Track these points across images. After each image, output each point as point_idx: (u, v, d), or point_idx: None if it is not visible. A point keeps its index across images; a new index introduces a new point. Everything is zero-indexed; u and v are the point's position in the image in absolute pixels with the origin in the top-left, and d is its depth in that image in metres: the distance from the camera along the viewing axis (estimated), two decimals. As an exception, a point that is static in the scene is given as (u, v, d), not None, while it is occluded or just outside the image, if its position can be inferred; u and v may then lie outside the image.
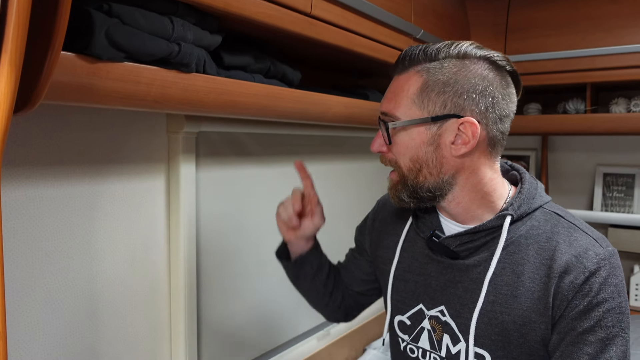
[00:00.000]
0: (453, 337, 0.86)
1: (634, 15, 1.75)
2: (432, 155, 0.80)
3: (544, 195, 0.85)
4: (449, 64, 0.78)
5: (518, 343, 0.79)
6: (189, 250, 1.17)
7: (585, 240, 0.78)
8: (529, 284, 0.78)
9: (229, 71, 1.01)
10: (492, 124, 0.79)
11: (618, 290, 0.76)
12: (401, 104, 0.80)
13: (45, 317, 0.93)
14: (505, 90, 0.80)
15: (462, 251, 0.84)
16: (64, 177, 0.95)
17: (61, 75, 0.68)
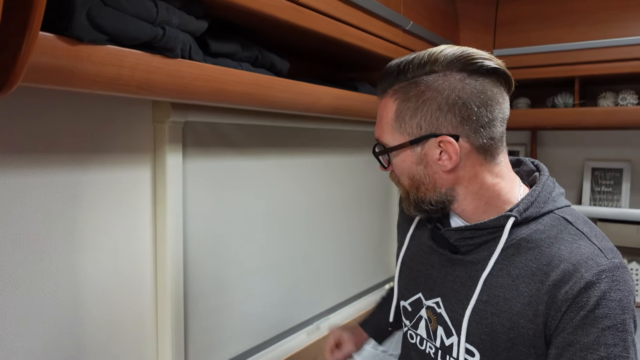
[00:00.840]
0: (446, 329, 0.86)
1: (620, 9, 1.76)
2: (423, 173, 0.81)
3: (558, 201, 0.81)
4: (417, 83, 0.78)
5: (506, 347, 0.78)
6: (175, 242, 1.15)
7: (589, 249, 0.74)
8: (522, 289, 0.77)
9: (216, 58, 0.99)
10: (474, 134, 0.77)
11: (622, 307, 0.70)
12: (385, 131, 0.83)
13: (26, 307, 0.91)
14: (481, 97, 0.76)
15: (462, 246, 0.84)
16: (45, 165, 0.93)
17: (40, 57, 0.66)
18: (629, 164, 2.32)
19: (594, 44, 1.79)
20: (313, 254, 1.69)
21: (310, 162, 1.63)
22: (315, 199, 1.67)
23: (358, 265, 1.96)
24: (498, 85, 0.78)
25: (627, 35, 1.75)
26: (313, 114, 1.29)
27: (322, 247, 1.73)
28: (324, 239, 1.74)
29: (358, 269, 1.96)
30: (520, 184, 0.84)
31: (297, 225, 1.59)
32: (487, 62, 0.77)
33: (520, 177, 0.87)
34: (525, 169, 0.88)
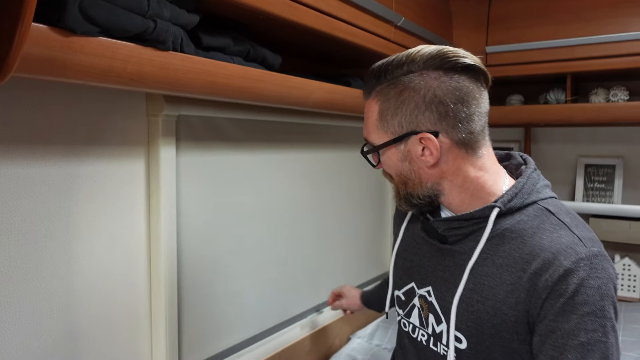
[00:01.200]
0: (436, 317, 0.89)
1: (611, 6, 1.78)
2: (409, 169, 0.84)
3: (542, 192, 0.84)
4: (396, 85, 0.81)
5: (490, 333, 0.80)
6: (169, 234, 1.17)
7: (569, 238, 0.76)
8: (505, 277, 0.79)
9: (208, 52, 1.01)
10: (452, 129, 0.80)
11: (600, 293, 0.72)
12: (371, 131, 0.87)
13: (21, 295, 0.93)
14: (457, 94, 0.79)
15: (450, 236, 0.87)
16: (41, 157, 0.95)
17: (33, 48, 0.68)
18: (622, 160, 2.34)
19: (584, 41, 1.81)
20: (307, 247, 1.71)
21: (304, 157, 1.65)
22: (308, 193, 1.68)
23: (352, 259, 1.98)
24: (474, 81, 0.80)
25: (617, 32, 1.77)
26: (305, 108, 1.31)
27: (315, 241, 1.75)
28: (317, 233, 1.76)
29: (352, 264, 1.98)
30: (506, 176, 0.86)
31: (291, 219, 1.61)
32: (462, 59, 0.79)
33: (509, 170, 0.89)
34: (514, 162, 0.91)
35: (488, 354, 0.81)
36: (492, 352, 0.81)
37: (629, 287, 2.31)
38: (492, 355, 0.81)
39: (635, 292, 2.29)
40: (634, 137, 2.31)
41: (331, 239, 1.83)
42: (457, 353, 0.84)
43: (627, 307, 2.03)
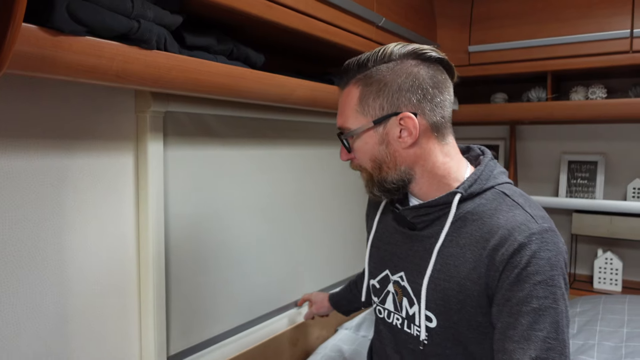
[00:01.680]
0: (409, 300, 0.95)
1: (588, 6, 1.84)
2: (385, 152, 0.90)
3: (499, 178, 0.91)
4: (378, 71, 0.88)
5: (457, 309, 0.87)
6: (157, 225, 1.22)
7: (522, 216, 0.84)
8: (468, 255, 0.86)
9: (192, 51, 1.07)
10: (430, 112, 0.88)
11: (550, 264, 0.79)
12: (349, 116, 0.92)
13: (15, 281, 0.98)
14: (433, 80, 0.88)
15: (418, 223, 0.94)
16: (33, 150, 1.00)
17: (24, 46, 0.73)
18: (603, 157, 2.40)
19: (563, 40, 1.87)
20: (292, 240, 1.76)
21: (288, 152, 1.70)
22: (293, 188, 1.74)
23: (337, 253, 2.03)
24: (444, 73, 0.90)
25: (594, 32, 1.83)
26: (288, 105, 1.36)
27: (300, 234, 1.81)
28: (302, 226, 1.81)
29: (337, 257, 2.03)
30: (468, 165, 0.94)
31: (276, 213, 1.67)
32: (434, 53, 0.89)
33: (470, 161, 0.97)
34: (473, 154, 0.99)
35: (456, 329, 0.88)
36: (459, 327, 0.88)
37: (611, 280, 2.37)
38: (460, 330, 0.88)
39: (617, 285, 2.35)
40: (615, 135, 2.38)
41: (316, 231, 1.89)
42: (428, 332, 0.91)
43: (607, 299, 2.09)
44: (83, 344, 1.12)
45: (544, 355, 0.77)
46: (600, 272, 2.39)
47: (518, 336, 0.79)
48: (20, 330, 1.00)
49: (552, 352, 0.77)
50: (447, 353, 0.91)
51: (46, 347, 1.04)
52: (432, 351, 0.92)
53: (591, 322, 1.94)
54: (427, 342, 0.92)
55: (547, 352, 0.77)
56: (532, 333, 0.78)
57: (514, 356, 0.78)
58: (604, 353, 1.75)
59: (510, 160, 2.54)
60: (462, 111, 2.27)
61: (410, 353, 0.96)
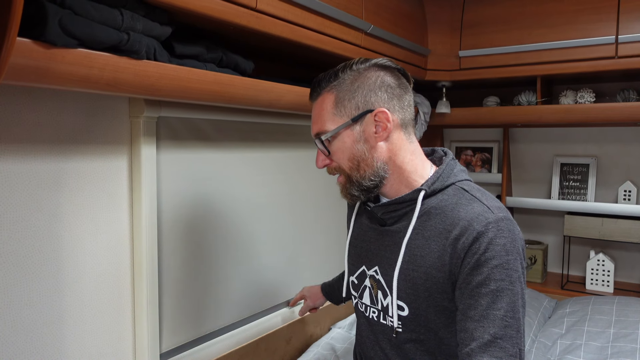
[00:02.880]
0: (383, 292, 1.02)
1: (575, 13, 1.88)
2: (362, 148, 0.96)
3: (459, 175, 1.00)
4: (348, 77, 0.97)
5: (425, 296, 0.94)
6: (150, 225, 1.28)
7: (480, 208, 0.92)
8: (433, 246, 0.94)
9: (182, 60, 1.12)
10: (399, 109, 0.97)
11: (506, 250, 0.87)
12: (326, 120, 0.98)
13: (13, 280, 1.04)
14: (397, 82, 0.98)
15: (387, 219, 1.02)
16: (31, 154, 1.06)
17: (19, 59, 0.78)
18: (595, 159, 2.44)
19: (551, 45, 1.91)
20: (284, 240, 1.81)
21: (278, 155, 1.75)
22: (284, 189, 1.79)
23: (329, 251, 2.08)
24: (403, 78, 1.00)
25: (580, 37, 1.87)
26: (277, 110, 1.41)
27: (292, 233, 1.85)
28: (293, 226, 1.86)
29: (329, 255, 2.08)
30: (431, 165, 1.03)
31: (267, 214, 1.71)
32: (392, 63, 1.00)
33: (434, 162, 1.06)
34: (437, 155, 1.07)
35: (426, 316, 0.95)
36: (428, 314, 0.95)
37: (603, 282, 2.40)
38: (429, 317, 0.95)
39: (609, 286, 2.38)
40: (606, 138, 2.41)
41: (307, 230, 1.93)
42: (400, 320, 0.98)
43: (596, 300, 2.13)
44: (78, 341, 1.17)
45: (501, 332, 0.84)
46: (593, 273, 2.42)
47: (478, 315, 0.86)
48: (18, 327, 1.05)
49: (509, 329, 0.85)
50: (420, 339, 0.98)
51: (42, 342, 1.09)
52: (406, 338, 0.99)
53: (579, 323, 1.98)
54: (400, 330, 0.99)
55: (504, 329, 0.85)
56: (491, 312, 0.85)
57: (475, 334, 0.86)
58: (590, 353, 1.79)
59: (503, 162, 2.57)
60: (453, 114, 2.31)
61: (387, 342, 1.03)
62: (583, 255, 2.54)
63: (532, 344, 1.91)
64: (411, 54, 1.93)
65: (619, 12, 1.79)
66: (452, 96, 2.46)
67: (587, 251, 2.51)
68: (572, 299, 2.22)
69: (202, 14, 1.04)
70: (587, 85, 2.15)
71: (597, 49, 1.84)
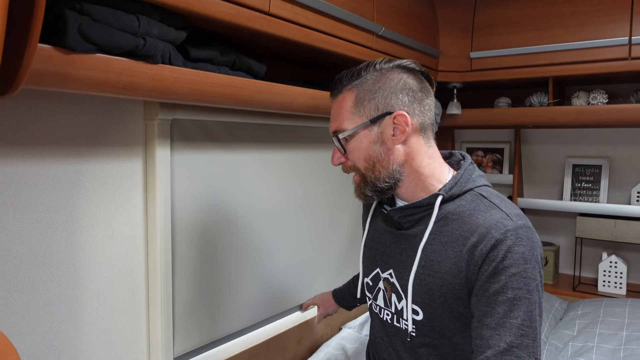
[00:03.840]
0: (398, 295, 1.02)
1: (587, 14, 1.87)
2: (379, 150, 0.96)
3: (477, 181, 0.99)
4: (371, 77, 0.96)
5: (440, 301, 0.94)
6: (164, 226, 1.30)
7: (499, 215, 0.91)
8: (449, 252, 0.93)
9: (196, 63, 1.14)
10: (419, 113, 0.96)
11: (524, 258, 0.86)
12: (344, 119, 0.98)
13: (30, 278, 1.06)
14: (419, 86, 0.97)
15: (404, 222, 1.01)
16: (49, 157, 1.08)
17: (40, 64, 0.81)
18: (608, 160, 2.42)
19: (563, 47, 1.90)
20: (297, 242, 1.82)
21: (291, 157, 1.76)
22: (296, 191, 1.80)
23: (343, 253, 2.09)
24: (425, 82, 0.99)
25: (592, 38, 1.86)
26: (290, 112, 1.42)
27: (305, 236, 1.87)
28: (306, 229, 1.87)
29: (342, 257, 2.09)
30: (449, 169, 1.02)
31: (280, 215, 1.73)
32: (416, 65, 0.98)
33: (452, 166, 1.05)
34: (455, 159, 1.06)
35: (440, 322, 0.95)
36: (443, 319, 0.95)
37: (616, 283, 2.38)
38: (444, 323, 0.95)
39: (622, 288, 2.37)
40: (619, 139, 2.39)
41: (320, 233, 1.94)
42: (415, 324, 0.98)
43: (608, 302, 2.11)
44: (94, 340, 1.19)
45: (518, 341, 0.84)
46: (605, 275, 2.41)
47: (494, 323, 0.86)
48: (36, 325, 1.08)
49: (526, 338, 0.84)
50: (434, 344, 0.98)
51: (60, 341, 1.12)
52: (420, 342, 0.99)
53: (591, 325, 1.97)
54: (414, 334, 0.99)
55: (520, 338, 0.84)
56: (507, 320, 0.85)
57: (491, 342, 0.85)
58: (602, 355, 1.78)
59: (515, 163, 2.57)
60: (464, 115, 2.31)
61: (401, 345, 1.03)
62: (595, 256, 2.53)
63: (544, 346, 1.91)
64: (422, 56, 1.94)
65: (632, 13, 1.78)
66: (463, 97, 2.46)
67: (599, 253, 2.50)
68: (584, 301, 2.21)
69: (217, 18, 1.06)
70: (599, 87, 2.14)
71: (610, 50, 1.83)
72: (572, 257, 2.59)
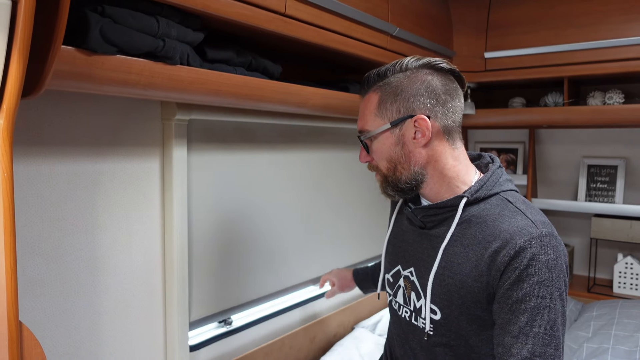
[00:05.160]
0: (417, 294, 1.03)
1: (603, 13, 1.85)
2: (400, 152, 0.97)
3: (504, 185, 0.98)
4: (395, 79, 0.97)
5: (458, 303, 0.94)
6: (181, 224, 1.32)
7: (524, 222, 0.90)
8: (471, 255, 0.93)
9: (213, 64, 1.15)
10: (442, 115, 0.96)
11: (548, 266, 0.85)
12: (368, 120, 0.99)
13: (52, 274, 1.09)
14: (445, 88, 0.96)
15: (427, 222, 1.01)
16: (70, 156, 1.10)
17: (63, 65, 0.83)
18: (624, 161, 2.39)
19: (579, 46, 1.89)
20: (311, 244, 1.83)
21: (306, 156, 1.77)
22: (311, 192, 1.81)
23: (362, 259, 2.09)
24: (455, 82, 0.99)
25: (609, 38, 1.84)
26: (304, 112, 1.44)
27: (320, 238, 1.88)
28: (318, 224, 1.88)
29: (362, 264, 2.10)
30: (476, 171, 1.02)
31: (295, 215, 1.74)
32: (446, 64, 0.98)
33: (480, 167, 1.04)
34: (484, 161, 1.06)
35: (457, 323, 0.95)
36: (460, 320, 0.95)
37: (632, 285, 2.36)
38: (461, 324, 0.95)
39: (638, 290, 2.34)
40: (636, 139, 2.37)
41: (331, 229, 1.95)
42: (432, 324, 0.99)
43: (624, 304, 2.09)
44: (113, 335, 1.22)
45: (540, 350, 0.83)
46: (620, 276, 2.38)
47: (517, 332, 0.85)
48: (57, 321, 1.10)
49: (549, 347, 0.84)
50: (451, 344, 0.98)
51: (79, 336, 1.14)
52: (436, 342, 0.99)
53: (607, 326, 1.95)
54: (431, 333, 0.99)
55: (543, 347, 0.84)
56: (530, 329, 0.84)
57: (513, 350, 0.85)
58: (618, 357, 1.76)
59: (529, 164, 2.55)
60: (478, 115, 2.30)
61: (418, 343, 1.04)
62: (610, 258, 2.50)
63: (558, 347, 1.89)
64: (436, 56, 1.94)
65: (649, 12, 1.77)
66: (477, 97, 2.45)
67: (615, 254, 2.47)
68: (599, 302, 2.19)
69: (233, 19, 1.07)
70: (615, 86, 2.12)
71: (627, 50, 1.81)
72: (587, 258, 2.57)
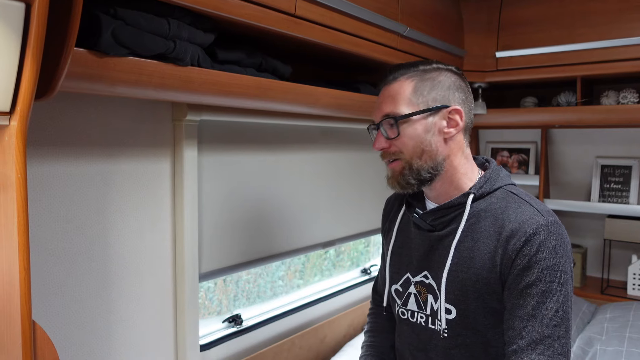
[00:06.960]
0: (434, 295, 1.03)
1: (617, 12, 1.83)
2: (430, 140, 0.99)
3: (505, 179, 1.03)
4: (430, 70, 1.02)
5: (474, 297, 0.96)
6: (192, 226, 1.32)
7: (530, 211, 0.95)
8: (483, 247, 0.96)
9: (223, 65, 1.15)
10: (467, 112, 1.02)
11: (556, 252, 0.90)
12: (401, 104, 1.00)
13: (64, 274, 1.10)
14: (468, 90, 1.04)
15: (437, 225, 1.03)
16: (82, 157, 1.12)
17: (75, 67, 0.84)
18: (638, 161, 2.36)
19: (592, 45, 1.87)
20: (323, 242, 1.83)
21: (317, 157, 1.77)
22: (322, 192, 1.81)
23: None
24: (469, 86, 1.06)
25: (624, 37, 1.81)
26: (315, 112, 1.44)
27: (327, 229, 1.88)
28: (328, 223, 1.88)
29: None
30: (478, 169, 1.06)
31: (306, 215, 1.74)
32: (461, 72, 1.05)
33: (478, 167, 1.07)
34: (478, 162, 1.09)
35: (474, 317, 0.97)
36: (477, 314, 0.96)
37: (638, 285, 2.33)
38: (478, 319, 0.96)
39: (653, 292, 2.31)
40: (651, 139, 2.33)
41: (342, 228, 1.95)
42: (447, 324, 0.99)
43: (638, 306, 2.07)
44: (125, 335, 1.23)
45: (550, 331, 0.87)
46: (635, 278, 2.35)
47: (527, 315, 0.89)
48: (70, 320, 1.11)
49: (558, 329, 0.87)
50: (467, 342, 0.98)
51: (92, 336, 1.15)
52: (452, 343, 0.99)
53: (621, 329, 1.92)
54: (447, 334, 0.99)
55: (553, 328, 0.87)
56: (540, 312, 0.88)
57: (523, 332, 0.88)
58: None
59: (541, 164, 2.52)
60: (489, 115, 2.28)
61: (434, 348, 1.03)
62: (624, 259, 2.47)
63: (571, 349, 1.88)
64: (447, 56, 1.92)
65: (664, 10, 1.74)
66: (488, 96, 2.43)
67: (629, 255, 2.44)
68: (612, 304, 2.17)
69: (244, 21, 1.07)
70: (630, 86, 2.09)
71: (641, 49, 1.79)
72: (600, 260, 2.53)
